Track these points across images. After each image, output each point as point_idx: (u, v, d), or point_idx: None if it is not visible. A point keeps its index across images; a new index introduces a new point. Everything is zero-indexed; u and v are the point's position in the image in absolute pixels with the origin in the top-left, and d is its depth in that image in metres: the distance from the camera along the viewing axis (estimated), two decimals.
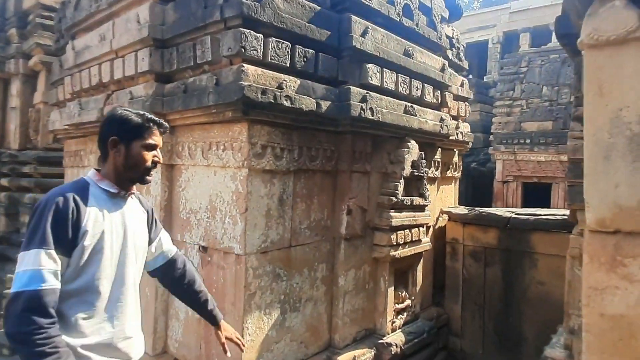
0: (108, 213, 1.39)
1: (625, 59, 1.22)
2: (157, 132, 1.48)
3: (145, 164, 1.45)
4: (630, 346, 1.22)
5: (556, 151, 11.32)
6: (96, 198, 1.39)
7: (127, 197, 1.49)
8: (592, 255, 1.28)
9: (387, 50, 3.00)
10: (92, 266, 1.33)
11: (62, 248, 1.27)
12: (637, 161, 1.20)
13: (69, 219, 1.29)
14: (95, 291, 1.34)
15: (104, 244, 1.35)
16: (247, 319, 2.45)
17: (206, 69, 2.53)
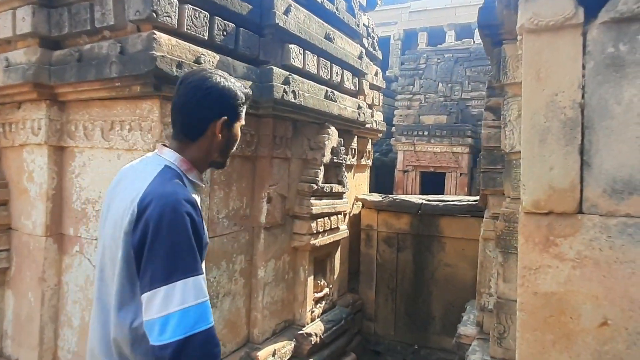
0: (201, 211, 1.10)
1: (561, 44, 1.25)
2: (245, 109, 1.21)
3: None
4: (560, 322, 1.28)
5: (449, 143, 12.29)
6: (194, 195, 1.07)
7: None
8: (527, 236, 1.31)
9: (309, 31, 2.89)
10: None
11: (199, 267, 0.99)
12: (569, 145, 1.24)
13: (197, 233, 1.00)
14: None
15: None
16: None
17: (107, 35, 2.18)
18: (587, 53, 1.23)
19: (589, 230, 1.24)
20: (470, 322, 2.76)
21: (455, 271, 3.83)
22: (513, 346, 2.09)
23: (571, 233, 1.26)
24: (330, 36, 3.17)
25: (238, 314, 2.78)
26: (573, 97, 1.24)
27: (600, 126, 1.22)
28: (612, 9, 1.18)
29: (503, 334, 2.10)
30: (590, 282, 1.24)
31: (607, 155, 1.21)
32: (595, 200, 1.23)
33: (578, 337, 1.26)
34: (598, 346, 1.23)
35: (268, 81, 2.53)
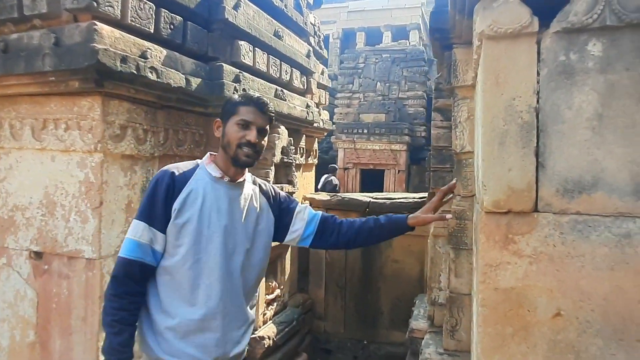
0: (207, 196, 1.33)
1: (519, 52, 1.31)
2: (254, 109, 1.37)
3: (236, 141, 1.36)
4: (518, 315, 1.34)
5: (388, 141, 12.67)
6: (199, 180, 1.35)
7: (236, 182, 1.40)
8: (488, 234, 1.36)
9: (259, 28, 2.82)
10: (182, 247, 1.30)
11: (158, 224, 1.28)
12: (526, 147, 1.31)
13: (165, 196, 1.29)
14: (180, 272, 1.30)
15: (195, 226, 1.30)
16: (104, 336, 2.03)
17: (38, 24, 1.97)
18: (541, 60, 1.30)
19: (544, 227, 1.31)
20: (422, 316, 2.86)
21: (403, 267, 3.95)
22: (465, 338, 2.19)
23: (528, 231, 1.33)
24: (280, 34, 3.12)
25: None
26: (529, 102, 1.31)
27: (553, 130, 1.30)
28: (564, 19, 1.26)
29: (455, 326, 2.19)
30: (545, 276, 1.32)
31: (560, 157, 1.29)
32: (549, 199, 1.30)
33: (534, 329, 1.33)
34: (552, 336, 1.31)
35: (218, 79, 2.43)
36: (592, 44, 1.26)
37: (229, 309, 1.35)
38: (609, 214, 1.24)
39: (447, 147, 2.45)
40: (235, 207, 1.38)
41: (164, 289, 1.31)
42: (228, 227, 1.35)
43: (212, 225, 1.33)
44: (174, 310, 1.29)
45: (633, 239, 1.22)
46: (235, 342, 1.38)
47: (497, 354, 1.35)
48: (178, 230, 1.29)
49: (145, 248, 1.27)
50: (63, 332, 2.04)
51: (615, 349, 1.23)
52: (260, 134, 1.38)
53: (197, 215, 1.31)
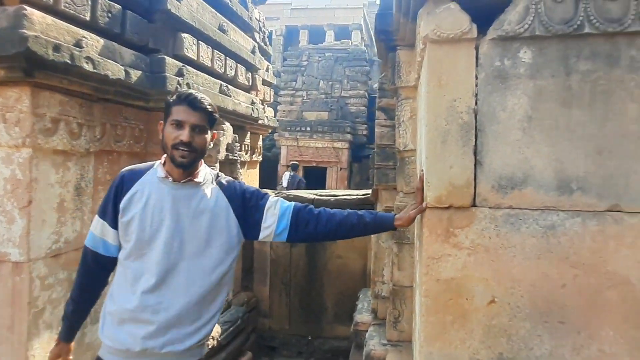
0: (151, 196, 1.38)
1: (459, 56, 1.39)
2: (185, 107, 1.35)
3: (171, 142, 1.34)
4: (457, 304, 1.43)
5: (331, 139, 12.84)
6: (147, 181, 1.41)
7: (181, 182, 1.39)
8: (431, 228, 1.44)
9: (203, 21, 2.75)
10: (129, 243, 1.37)
11: (109, 220, 1.39)
12: (466, 146, 1.40)
13: (114, 195, 1.39)
14: (127, 265, 1.38)
15: (138, 223, 1.36)
16: (34, 344, 1.90)
17: None
18: (479, 65, 1.39)
19: (481, 221, 1.41)
20: (365, 310, 2.94)
21: (346, 262, 4.04)
22: (407, 328, 2.29)
23: (467, 224, 1.42)
24: (224, 28, 3.06)
25: None
26: (468, 104, 1.39)
27: (489, 130, 1.39)
28: (499, 27, 1.35)
29: (398, 318, 2.28)
30: (482, 266, 1.41)
31: (495, 156, 1.39)
32: (485, 195, 1.40)
33: (472, 316, 1.42)
34: (487, 321, 1.41)
35: (160, 72, 2.34)
36: (523, 51, 1.37)
37: (168, 305, 1.35)
38: (536, 207, 1.36)
39: (390, 145, 2.53)
40: (181, 207, 1.38)
41: (116, 278, 1.41)
42: (171, 227, 1.36)
43: (154, 224, 1.36)
44: (116, 297, 1.38)
45: (557, 230, 1.34)
46: (174, 340, 1.36)
47: (438, 341, 1.43)
48: (125, 227, 1.37)
49: (97, 240, 1.41)
50: None
51: (541, 330, 1.35)
52: (194, 131, 1.34)
53: (139, 214, 1.36)
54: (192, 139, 1.33)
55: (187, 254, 1.38)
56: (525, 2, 1.32)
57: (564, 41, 1.32)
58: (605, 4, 1.26)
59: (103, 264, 1.43)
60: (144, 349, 1.32)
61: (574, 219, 1.33)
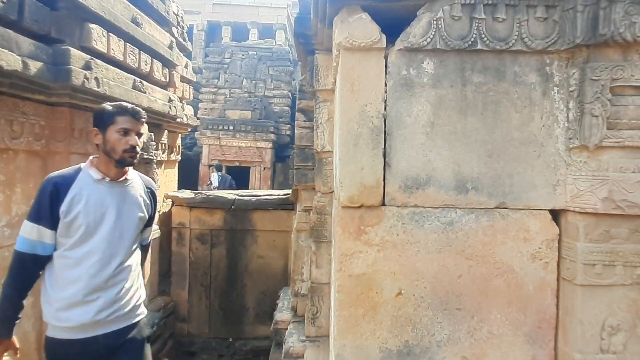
0: (90, 195, 1.61)
1: (370, 64, 1.48)
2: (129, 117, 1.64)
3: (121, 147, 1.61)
4: (368, 297, 1.52)
5: (254, 138, 12.71)
6: (81, 183, 1.62)
7: (117, 181, 1.67)
8: (344, 227, 1.51)
9: (113, 12, 2.60)
10: (73, 238, 1.59)
11: (46, 222, 1.57)
12: (376, 148, 1.49)
13: (49, 201, 1.57)
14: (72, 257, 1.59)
15: (82, 221, 1.59)
16: None
17: None
18: (388, 73, 1.49)
19: (390, 219, 1.51)
20: (286, 308, 2.98)
21: (268, 262, 4.05)
22: (324, 324, 2.36)
23: (377, 222, 1.51)
24: (138, 20, 2.91)
25: (26, 340, 2.32)
26: (378, 109, 1.48)
27: (397, 134, 1.50)
28: (405, 39, 1.46)
29: (316, 314, 2.35)
30: (390, 261, 1.51)
31: (402, 158, 1.50)
32: (394, 194, 1.50)
33: (381, 307, 1.52)
34: (395, 312, 1.52)
35: (64, 64, 2.18)
36: (426, 62, 1.49)
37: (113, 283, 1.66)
38: (438, 206, 1.49)
39: (309, 146, 2.59)
40: (119, 201, 1.67)
41: (60, 269, 1.60)
42: (113, 219, 1.65)
43: (96, 218, 1.62)
44: (61, 285, 1.59)
45: (455, 226, 1.48)
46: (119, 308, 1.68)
47: (350, 333, 1.51)
48: (68, 226, 1.58)
49: (35, 243, 1.57)
50: None
51: (441, 317, 1.49)
52: (138, 137, 1.67)
53: (83, 212, 1.59)
54: (137, 143, 1.66)
55: (125, 239, 1.69)
56: (428, 17, 1.44)
57: (461, 55, 1.46)
58: (494, 24, 1.42)
59: (41, 263, 1.61)
60: (96, 320, 1.61)
61: (469, 215, 1.48)
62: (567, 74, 1.43)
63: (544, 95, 1.44)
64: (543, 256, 1.45)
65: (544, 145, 1.44)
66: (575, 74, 1.41)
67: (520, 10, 1.40)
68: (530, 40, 1.40)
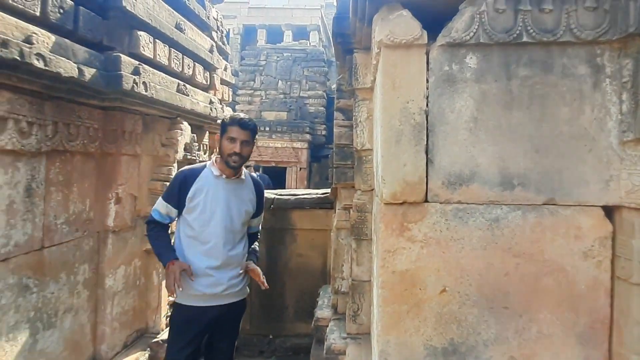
0: (209, 189, 2.05)
1: (411, 60, 1.48)
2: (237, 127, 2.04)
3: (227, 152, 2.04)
4: (412, 294, 1.52)
5: (290, 139, 12.84)
6: (204, 177, 2.07)
7: (231, 179, 2.09)
8: (386, 223, 1.51)
9: (159, 19, 2.71)
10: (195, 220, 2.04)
11: (173, 202, 2.07)
12: (418, 145, 1.48)
13: (179, 188, 2.06)
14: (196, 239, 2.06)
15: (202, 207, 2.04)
16: None
17: None
18: (430, 69, 1.49)
19: (433, 215, 1.50)
20: (326, 306, 3.00)
21: (307, 260, 4.09)
22: (365, 321, 2.37)
23: (420, 219, 1.51)
24: (182, 26, 3.02)
25: (82, 331, 2.47)
26: (420, 105, 1.48)
27: (439, 130, 1.49)
28: (447, 34, 1.45)
29: (357, 312, 2.36)
30: (433, 258, 1.51)
31: (444, 154, 1.49)
32: (436, 191, 1.49)
33: (425, 304, 1.51)
34: (439, 309, 1.51)
35: (115, 70, 2.29)
36: (469, 57, 1.47)
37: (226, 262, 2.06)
38: (482, 202, 1.47)
39: (348, 144, 2.61)
40: (232, 195, 2.08)
41: (188, 247, 2.07)
42: (224, 211, 2.04)
43: (212, 209, 2.03)
44: (188, 259, 2.03)
45: (500, 223, 1.46)
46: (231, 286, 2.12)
47: (394, 329, 1.51)
48: (192, 210, 2.05)
49: (163, 216, 2.09)
50: None
51: (487, 316, 1.46)
52: (243, 145, 2.03)
53: (202, 201, 2.03)
54: (242, 150, 2.03)
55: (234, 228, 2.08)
56: (470, 11, 1.42)
57: (506, 49, 1.44)
58: (541, 16, 1.39)
59: (166, 227, 2.15)
60: (213, 293, 2.03)
61: (515, 212, 1.45)
62: (620, 65, 1.37)
63: (594, 88, 1.39)
64: (596, 254, 1.40)
65: (595, 139, 1.39)
66: (628, 65, 1.35)
67: (568, 0, 1.36)
68: (580, 31, 1.36)
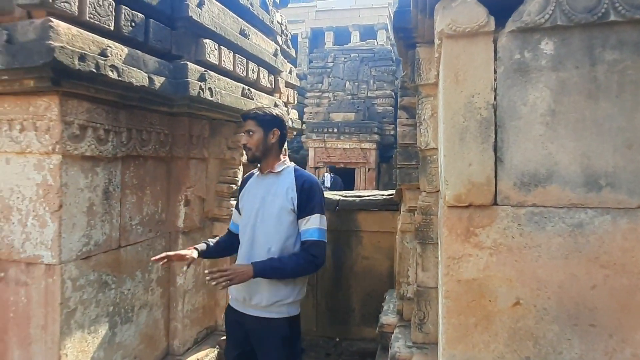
0: (250, 187, 2.08)
1: (476, 50, 1.35)
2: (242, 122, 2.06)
3: None
4: (480, 305, 1.39)
5: (358, 140, 12.76)
6: (252, 177, 2.12)
7: (264, 174, 2.03)
8: (450, 228, 1.40)
9: (224, 26, 2.79)
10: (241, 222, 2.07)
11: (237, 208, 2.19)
12: (485, 142, 1.35)
13: (239, 191, 2.20)
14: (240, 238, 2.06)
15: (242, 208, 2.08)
16: (66, 343, 1.97)
17: None
18: (498, 59, 1.35)
19: (503, 220, 1.36)
20: (391, 311, 2.90)
21: (373, 263, 4.00)
22: (432, 330, 2.24)
23: (488, 223, 1.37)
24: (246, 32, 3.09)
25: (156, 327, 2.60)
26: (487, 99, 1.35)
27: (510, 125, 1.35)
28: (518, 19, 1.31)
29: (423, 320, 2.23)
30: (504, 266, 1.37)
31: (516, 152, 1.34)
32: (507, 192, 1.35)
33: (495, 318, 1.38)
34: (512, 324, 1.36)
35: (183, 77, 2.38)
36: (544, 42, 1.31)
37: None
38: (562, 205, 1.30)
39: (412, 144, 2.49)
40: (265, 191, 1.99)
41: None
42: (257, 207, 1.97)
43: (250, 206, 2.01)
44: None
45: (585, 229, 1.28)
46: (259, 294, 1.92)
47: (460, 343, 1.39)
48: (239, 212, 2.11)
49: (234, 224, 2.17)
50: (22, 341, 1.97)
51: (570, 334, 1.29)
52: (247, 135, 1.97)
53: (243, 200, 2.09)
54: (247, 141, 1.97)
55: (266, 227, 1.93)
56: None
57: (588, 30, 1.26)
58: None
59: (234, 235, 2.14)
60: (239, 299, 1.97)
61: (603, 216, 1.27)
62: None
63: None
64: None
65: None
66: None
67: None
68: None
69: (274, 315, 1.93)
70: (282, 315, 1.94)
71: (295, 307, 2.04)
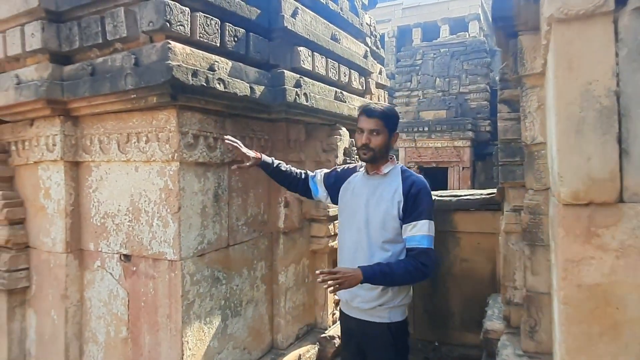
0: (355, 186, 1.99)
1: (593, 33, 1.24)
2: (364, 117, 1.87)
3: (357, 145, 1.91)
4: (605, 313, 1.26)
5: (450, 138, 12.24)
6: (357, 174, 2.03)
7: (370, 174, 1.94)
8: (567, 228, 1.29)
9: (316, 33, 2.88)
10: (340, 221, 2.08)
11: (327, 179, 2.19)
12: (607, 134, 1.23)
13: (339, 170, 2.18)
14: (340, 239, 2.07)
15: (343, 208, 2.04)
16: (187, 331, 2.18)
17: (119, 47, 2.16)
18: (619, 40, 1.22)
19: (632, 219, 1.22)
20: (496, 317, 2.74)
21: (472, 266, 3.82)
22: (545, 339, 2.08)
23: (613, 223, 1.24)
24: (336, 37, 3.16)
25: (261, 321, 2.76)
26: (608, 86, 1.23)
27: (636, 113, 1.21)
28: None
29: (534, 327, 2.08)
30: (635, 271, 1.23)
31: None
32: (635, 188, 1.22)
33: (625, 328, 1.24)
34: None
35: (280, 85, 2.51)
36: None
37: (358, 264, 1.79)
38: None
39: (515, 139, 2.34)
40: (370, 193, 1.91)
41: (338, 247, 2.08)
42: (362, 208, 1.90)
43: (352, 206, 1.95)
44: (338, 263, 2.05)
45: None
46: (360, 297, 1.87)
47: (583, 354, 1.28)
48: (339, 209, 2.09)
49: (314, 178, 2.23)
50: (151, 328, 2.22)
51: None
52: (371, 134, 1.84)
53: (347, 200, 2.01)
54: (369, 140, 1.83)
55: (370, 230, 1.86)
56: None
57: None
58: None
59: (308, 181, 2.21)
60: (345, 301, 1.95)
61: None
62: None
63: None
64: None
65: None
66: None
67: None
68: None
69: (375, 319, 1.86)
70: (383, 321, 1.85)
71: (399, 313, 1.90)
